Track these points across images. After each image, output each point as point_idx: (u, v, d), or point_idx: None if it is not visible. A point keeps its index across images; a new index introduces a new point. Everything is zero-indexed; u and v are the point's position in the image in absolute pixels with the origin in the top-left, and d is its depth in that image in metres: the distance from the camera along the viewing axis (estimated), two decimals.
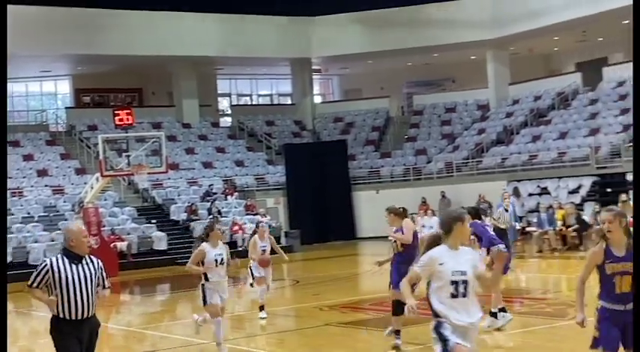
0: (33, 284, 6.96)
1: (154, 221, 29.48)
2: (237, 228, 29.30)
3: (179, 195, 31.94)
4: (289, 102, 43.13)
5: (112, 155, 28.65)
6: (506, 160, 32.67)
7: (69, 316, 6.90)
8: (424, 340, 10.07)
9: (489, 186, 30.20)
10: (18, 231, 26.71)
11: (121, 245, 26.95)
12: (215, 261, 10.60)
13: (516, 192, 29.23)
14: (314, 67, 42.00)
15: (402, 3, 37.01)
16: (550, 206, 25.17)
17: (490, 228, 11.48)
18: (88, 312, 6.94)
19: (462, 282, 6.09)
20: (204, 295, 10.71)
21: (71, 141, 35.25)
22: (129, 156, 25.32)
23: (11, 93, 36.23)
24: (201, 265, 10.63)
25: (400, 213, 10.69)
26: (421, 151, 37.00)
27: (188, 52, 35.92)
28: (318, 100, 44.36)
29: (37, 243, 26.22)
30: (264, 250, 13.96)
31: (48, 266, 6.93)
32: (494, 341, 10.78)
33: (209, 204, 30.59)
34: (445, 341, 6.06)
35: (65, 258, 6.96)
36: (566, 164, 30.06)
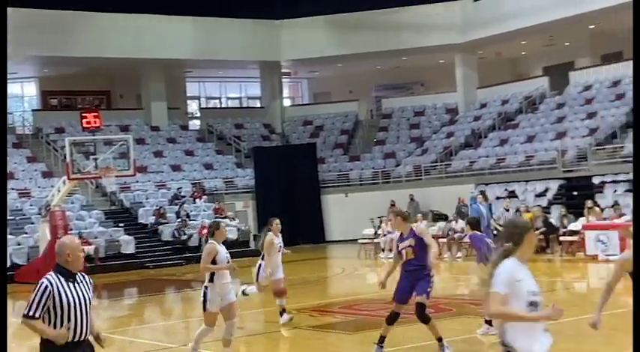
0: (35, 313, 5.98)
1: (121, 224, 29.30)
2: (205, 231, 29.12)
3: (147, 198, 31.77)
4: (258, 106, 43.09)
5: (80, 158, 28.40)
6: (475, 163, 32.89)
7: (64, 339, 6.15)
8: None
9: (457, 190, 30.40)
10: None
11: (89, 249, 26.68)
12: (226, 260, 10.04)
13: (484, 196, 29.39)
14: (283, 70, 42.01)
15: (371, 7, 37.14)
16: (517, 209, 25.35)
17: (489, 240, 11.04)
18: (84, 334, 6.20)
19: (537, 304, 5.18)
20: (204, 300, 10.11)
21: (38, 144, 34.93)
22: (96, 159, 25.13)
23: None
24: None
25: (407, 217, 10.05)
26: (390, 155, 37.12)
27: (157, 55, 35.78)
28: (287, 103, 44.35)
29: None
30: (280, 246, 13.34)
31: (49, 288, 6.04)
32: (466, 345, 10.82)
33: (177, 207, 30.46)
34: None
35: (60, 276, 6.12)
36: (534, 167, 30.32)
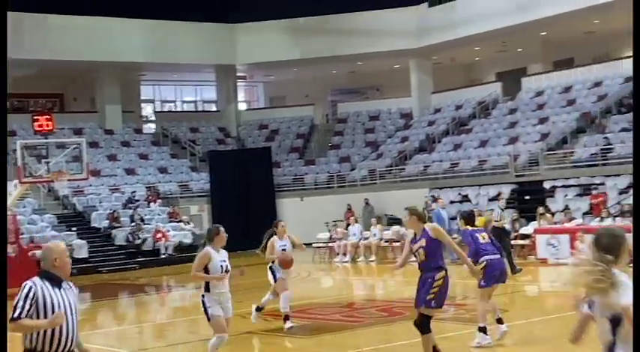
0: (21, 314, 5.59)
1: (74, 228, 28.99)
2: (160, 235, 29.03)
3: (100, 202, 31.49)
4: (214, 109, 42.96)
5: (32, 161, 28.00)
6: (429, 168, 33.14)
7: (49, 350, 5.68)
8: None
9: (412, 194, 30.58)
10: None
11: (40, 253, 26.38)
12: (220, 268, 9.39)
13: (435, 200, 29.68)
14: (239, 74, 41.95)
15: (327, 11, 37.26)
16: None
17: (481, 236, 10.53)
18: (71, 345, 5.77)
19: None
20: (205, 308, 9.36)
21: None
22: (49, 163, 24.86)
23: None
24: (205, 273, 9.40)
25: (423, 216, 9.27)
26: (345, 159, 37.26)
27: (112, 58, 35.49)
28: (243, 107, 44.28)
29: None
30: (284, 249, 13.14)
31: (34, 288, 5.67)
32: (418, 348, 10.90)
33: (131, 211, 30.25)
34: None
35: (46, 281, 5.74)
36: (487, 172, 30.64)
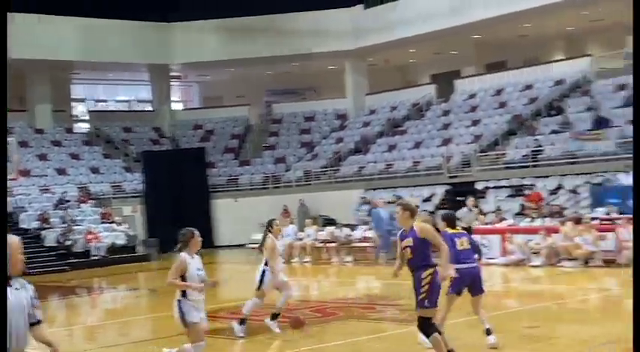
0: None
1: None
2: (91, 236, 28.60)
3: (30, 202, 30.89)
4: (148, 109, 42.50)
5: None
6: (363, 169, 33.31)
7: None
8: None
9: (347, 195, 30.79)
10: None
11: None
12: (198, 277, 8.67)
13: (365, 201, 29.92)
14: (173, 74, 41.59)
15: (263, 12, 37.18)
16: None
17: (460, 241, 9.96)
18: (22, 347, 5.31)
19: None
20: (181, 314, 8.63)
21: None
22: None
23: None
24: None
25: (415, 213, 8.70)
26: (280, 159, 37.23)
27: (43, 56, 34.84)
28: (178, 107, 43.90)
29: None
30: (282, 250, 12.37)
31: None
32: (352, 348, 10.94)
33: (62, 212, 29.74)
34: None
35: None
36: (421, 173, 30.92)
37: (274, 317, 11.94)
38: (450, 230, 9.89)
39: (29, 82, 37.18)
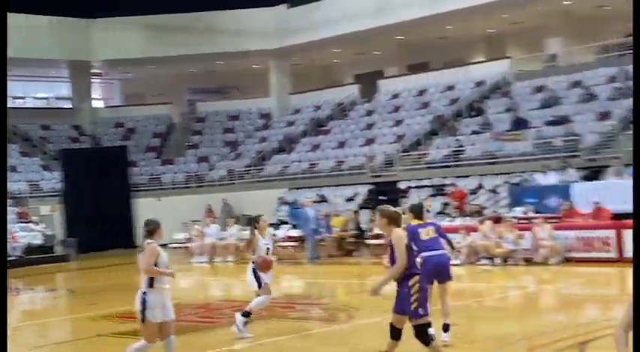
0: None
1: None
2: (8, 236, 27.90)
3: None
4: (68, 107, 41.66)
5: None
6: (287, 168, 33.31)
7: None
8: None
9: (270, 194, 30.74)
10: None
11: None
12: (166, 265, 8.65)
13: (284, 201, 29.96)
14: (94, 71, 40.89)
15: (186, 9, 36.86)
16: (327, 214, 25.88)
17: (425, 231, 9.65)
18: None
19: None
20: (143, 308, 8.40)
21: None
22: None
23: None
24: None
25: (395, 219, 8.07)
26: (203, 158, 36.97)
27: None
28: (99, 105, 43.17)
29: None
30: (268, 248, 12.09)
31: None
32: (274, 348, 10.92)
33: None
34: None
35: None
36: (344, 173, 31.08)
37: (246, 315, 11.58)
38: (416, 221, 9.69)
39: None
